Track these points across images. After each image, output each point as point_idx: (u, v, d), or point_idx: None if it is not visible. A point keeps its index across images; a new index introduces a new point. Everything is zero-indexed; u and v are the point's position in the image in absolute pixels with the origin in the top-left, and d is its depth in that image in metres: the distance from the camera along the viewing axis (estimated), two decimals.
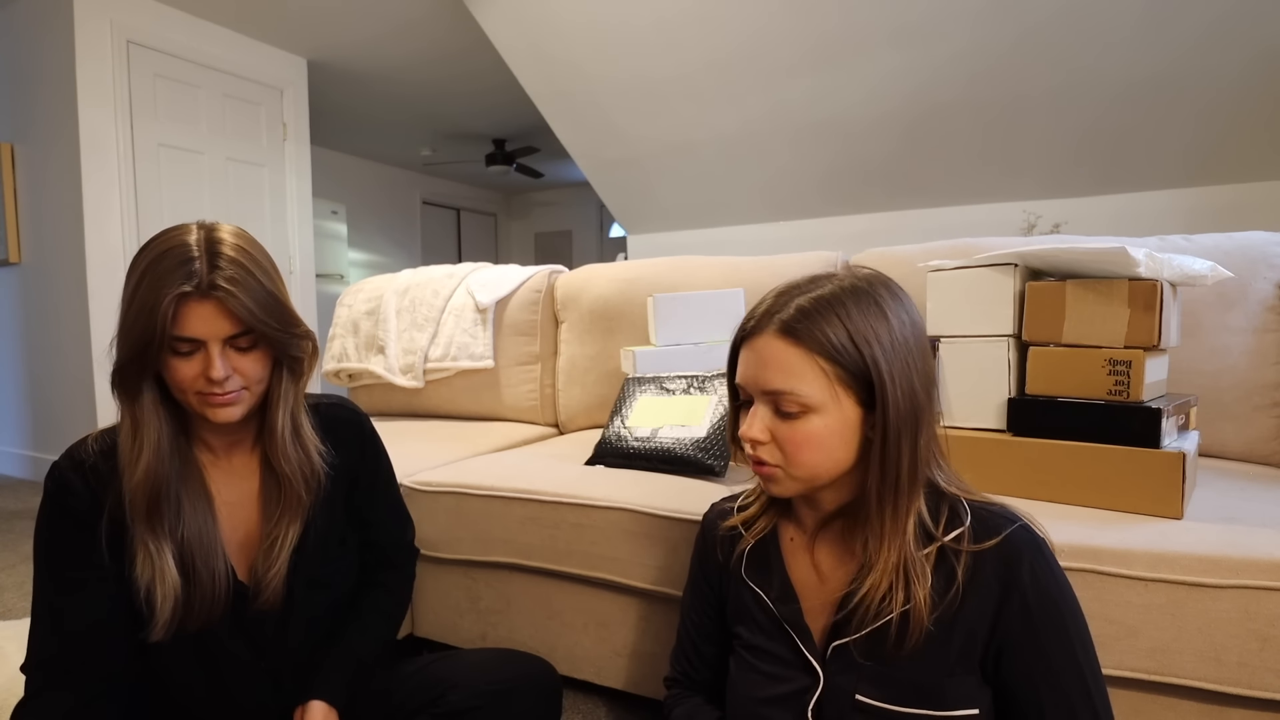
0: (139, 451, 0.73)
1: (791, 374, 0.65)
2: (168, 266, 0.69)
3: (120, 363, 0.72)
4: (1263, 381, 1.27)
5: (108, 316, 3.11)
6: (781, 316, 0.66)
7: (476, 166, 6.54)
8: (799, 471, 0.67)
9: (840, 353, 0.64)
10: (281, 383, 0.80)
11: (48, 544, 0.76)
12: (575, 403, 1.94)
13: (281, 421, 0.80)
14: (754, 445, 0.68)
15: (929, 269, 1.15)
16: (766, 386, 0.66)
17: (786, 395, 0.65)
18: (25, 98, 3.23)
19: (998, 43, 2.78)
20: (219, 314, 0.71)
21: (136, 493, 0.73)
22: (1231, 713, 0.82)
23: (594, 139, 3.90)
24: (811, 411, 0.65)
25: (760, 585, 0.76)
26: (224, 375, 0.72)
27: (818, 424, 0.65)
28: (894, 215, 3.62)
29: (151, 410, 0.74)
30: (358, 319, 2.19)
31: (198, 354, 0.72)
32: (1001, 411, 1.07)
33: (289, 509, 0.81)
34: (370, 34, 3.79)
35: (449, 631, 1.37)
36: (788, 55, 3.11)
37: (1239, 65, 2.56)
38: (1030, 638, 0.63)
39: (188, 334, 0.70)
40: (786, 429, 0.66)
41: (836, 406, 0.65)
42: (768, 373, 0.66)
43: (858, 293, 0.66)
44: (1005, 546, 0.64)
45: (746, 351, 0.69)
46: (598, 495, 1.18)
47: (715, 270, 1.80)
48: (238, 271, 0.71)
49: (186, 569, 0.75)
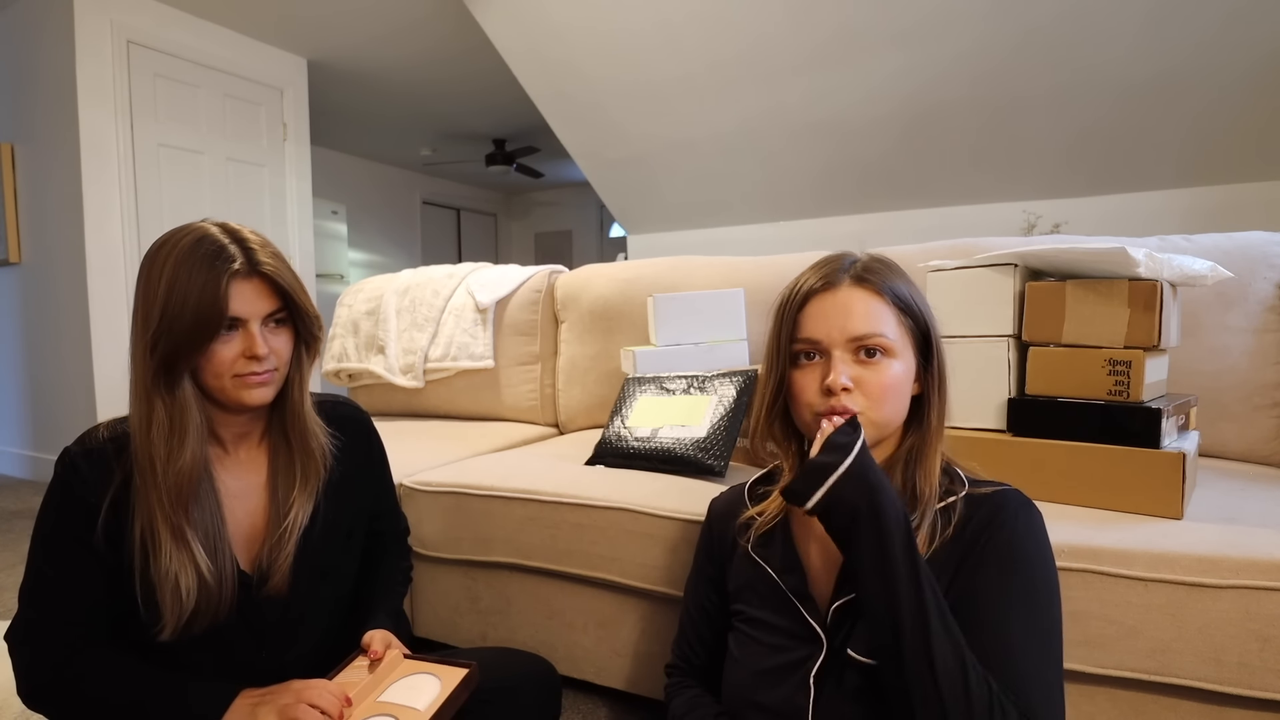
0: (182, 438, 0.74)
1: (878, 318, 0.70)
2: (205, 253, 0.72)
3: (168, 352, 0.72)
4: (1263, 381, 1.27)
5: (108, 317, 3.11)
6: (856, 271, 0.72)
7: (476, 166, 6.53)
8: (879, 415, 0.70)
9: (908, 306, 0.71)
10: (301, 363, 0.84)
11: (51, 525, 0.76)
12: (575, 403, 1.94)
13: (305, 400, 0.85)
14: (842, 393, 0.69)
15: (929, 269, 1.15)
16: (853, 332, 0.69)
17: (874, 337, 0.69)
18: (25, 98, 3.22)
19: (998, 43, 2.78)
20: (262, 292, 0.75)
21: (179, 478, 0.74)
22: (1231, 713, 0.82)
23: (594, 139, 3.90)
24: (893, 355, 0.70)
25: (766, 560, 0.77)
26: (266, 351, 0.75)
27: (898, 368, 0.70)
28: (894, 215, 3.62)
29: (191, 400, 0.76)
30: (358, 319, 2.19)
31: (237, 335, 0.75)
32: (1001, 411, 1.07)
33: (307, 484, 0.84)
34: (370, 34, 3.79)
35: (449, 631, 1.37)
36: (788, 56, 3.11)
37: (1239, 65, 2.56)
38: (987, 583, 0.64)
39: (234, 313, 0.73)
40: (870, 373, 0.69)
41: (907, 354, 0.71)
42: (853, 320, 0.70)
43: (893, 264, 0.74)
44: (996, 497, 0.67)
45: (819, 305, 0.72)
46: (598, 495, 1.18)
47: (715, 270, 1.80)
48: (271, 251, 0.77)
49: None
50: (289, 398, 0.84)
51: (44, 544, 0.77)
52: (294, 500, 0.83)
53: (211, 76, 3.55)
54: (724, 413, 1.31)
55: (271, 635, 0.83)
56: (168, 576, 0.74)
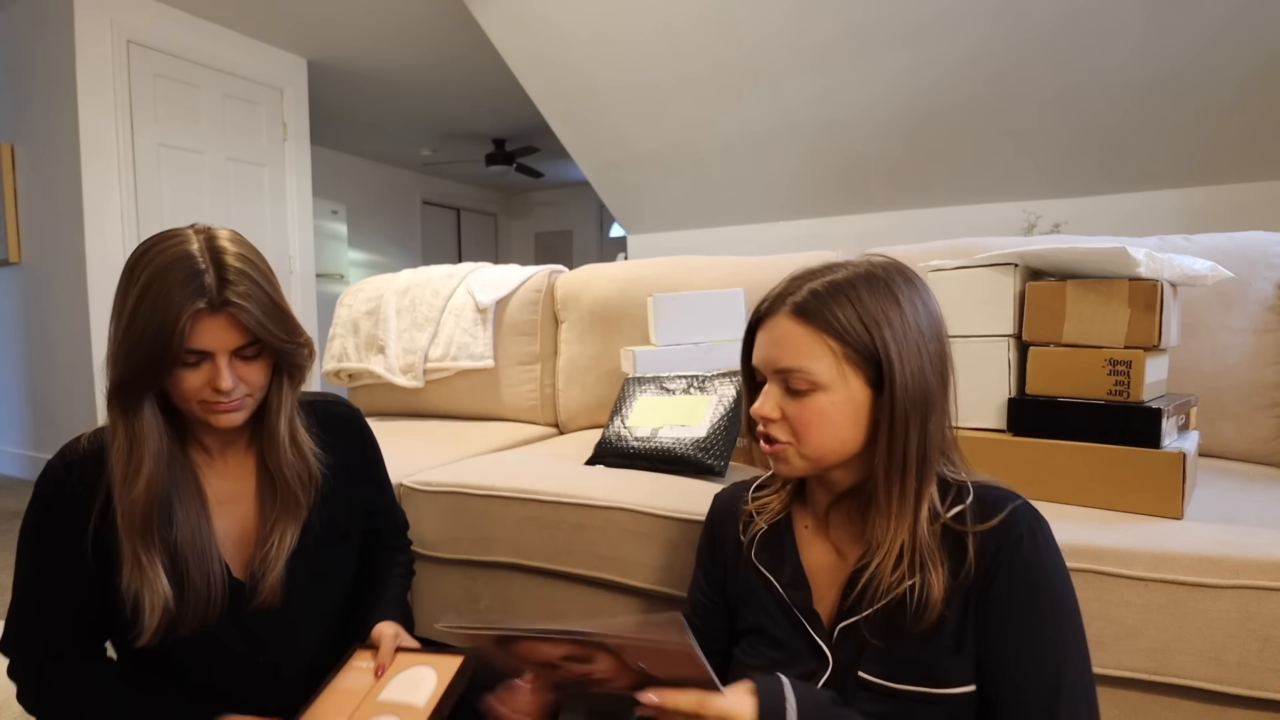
0: (137, 466, 0.72)
1: (800, 352, 0.67)
2: (176, 280, 0.68)
3: (122, 378, 0.70)
4: (1263, 381, 1.26)
5: (107, 316, 3.07)
6: (794, 299, 0.69)
7: (476, 166, 6.53)
8: (807, 450, 0.68)
9: (848, 332, 0.66)
10: (281, 389, 0.80)
11: (34, 540, 0.76)
12: (575, 403, 1.94)
13: (281, 428, 0.81)
14: (765, 422, 0.70)
15: (929, 269, 1.15)
16: (777, 365, 0.68)
17: (795, 373, 0.67)
18: (25, 98, 3.23)
19: (998, 44, 2.78)
20: (229, 327, 0.71)
21: (133, 506, 0.72)
22: (1232, 713, 0.82)
23: (594, 139, 3.90)
24: (819, 389, 0.67)
25: (771, 570, 0.77)
26: (231, 386, 0.72)
27: (825, 401, 0.67)
28: (894, 215, 3.62)
29: (151, 424, 0.73)
30: (358, 319, 2.19)
31: (204, 365, 0.72)
32: (1001, 411, 1.07)
33: (286, 513, 0.82)
34: (371, 34, 3.79)
35: (449, 632, 1.36)
36: (789, 57, 3.11)
37: (1240, 66, 2.56)
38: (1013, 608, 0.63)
39: (197, 347, 0.70)
40: (796, 406, 0.68)
41: (844, 385, 0.67)
42: (778, 351, 0.68)
43: (871, 278, 0.68)
44: (1007, 520, 0.66)
45: (761, 333, 0.72)
46: (598, 495, 1.18)
47: (715, 270, 1.80)
48: (246, 284, 0.71)
49: (180, 576, 0.75)
50: (265, 423, 0.81)
51: (28, 556, 0.76)
52: (278, 524, 0.81)
53: (211, 76, 3.55)
54: (724, 412, 1.31)
55: (267, 638, 0.83)
56: (129, 591, 0.73)
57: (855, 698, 0.67)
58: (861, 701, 0.66)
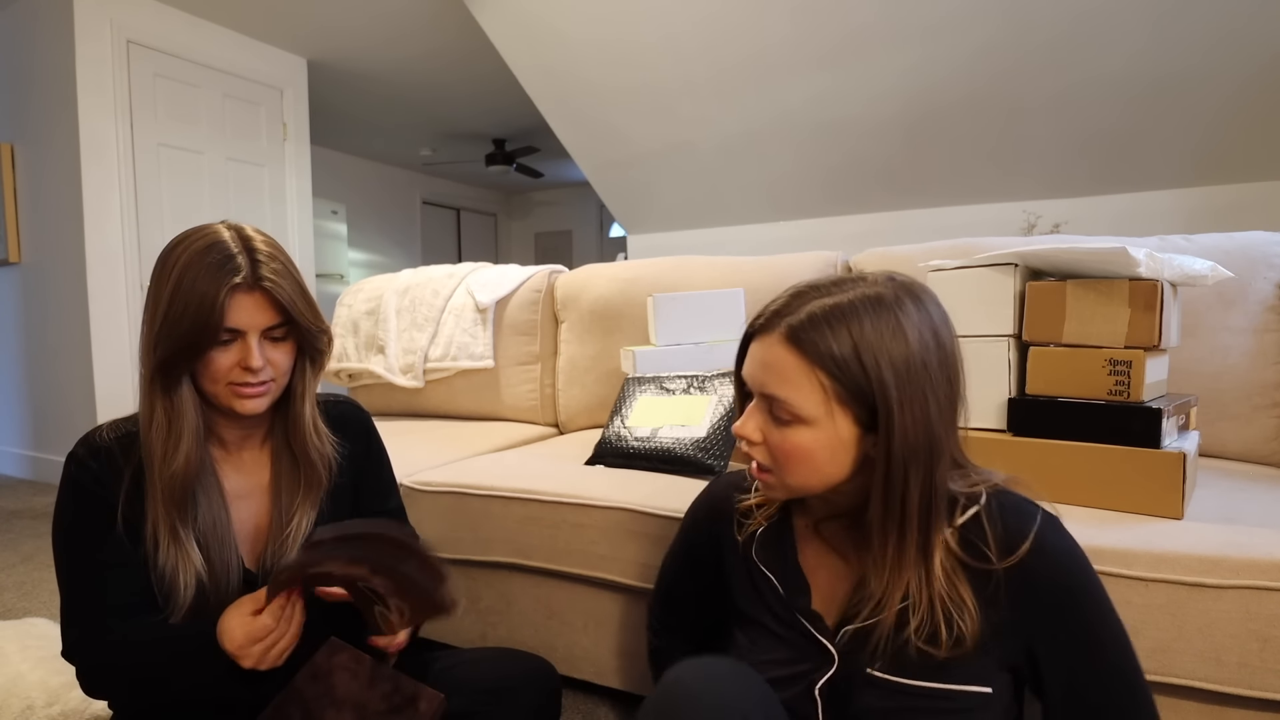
0: (177, 440, 0.75)
1: (788, 382, 0.63)
2: (213, 261, 0.73)
3: (165, 356, 0.74)
4: (1263, 381, 1.27)
5: (107, 316, 3.10)
6: (790, 320, 0.64)
7: (476, 166, 6.53)
8: (786, 479, 0.67)
9: (842, 369, 0.61)
10: (305, 374, 0.84)
11: (71, 531, 0.77)
12: (575, 403, 1.94)
13: (306, 411, 0.85)
14: (747, 444, 0.69)
15: (929, 269, 1.15)
16: (764, 389, 0.66)
17: (780, 402, 0.64)
18: (25, 98, 3.22)
19: (998, 44, 2.78)
20: (263, 305, 0.75)
21: (173, 480, 0.75)
22: (1232, 713, 0.82)
23: (594, 139, 3.90)
24: (803, 423, 0.63)
25: (772, 571, 0.76)
26: (261, 364, 0.76)
27: (807, 436, 0.63)
28: (894, 215, 3.62)
29: (189, 402, 0.77)
30: (358, 319, 2.19)
31: (235, 344, 0.75)
32: (1001, 411, 1.07)
33: (309, 493, 0.85)
34: (371, 35, 3.79)
35: (449, 631, 1.36)
36: (789, 57, 3.11)
37: (1240, 67, 2.56)
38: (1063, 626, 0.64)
39: (232, 325, 0.74)
40: (778, 435, 0.65)
41: (830, 422, 0.63)
42: (766, 376, 0.65)
43: (879, 305, 0.62)
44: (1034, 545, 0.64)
45: (754, 347, 0.68)
46: (598, 495, 1.18)
47: (715, 270, 1.80)
48: (277, 265, 0.76)
49: (205, 561, 0.78)
50: (290, 408, 0.84)
51: (66, 545, 0.77)
52: (297, 507, 0.84)
53: (211, 76, 3.55)
54: (724, 412, 1.31)
55: None
56: (167, 570, 0.76)
57: (864, 694, 0.66)
58: (871, 698, 0.66)
